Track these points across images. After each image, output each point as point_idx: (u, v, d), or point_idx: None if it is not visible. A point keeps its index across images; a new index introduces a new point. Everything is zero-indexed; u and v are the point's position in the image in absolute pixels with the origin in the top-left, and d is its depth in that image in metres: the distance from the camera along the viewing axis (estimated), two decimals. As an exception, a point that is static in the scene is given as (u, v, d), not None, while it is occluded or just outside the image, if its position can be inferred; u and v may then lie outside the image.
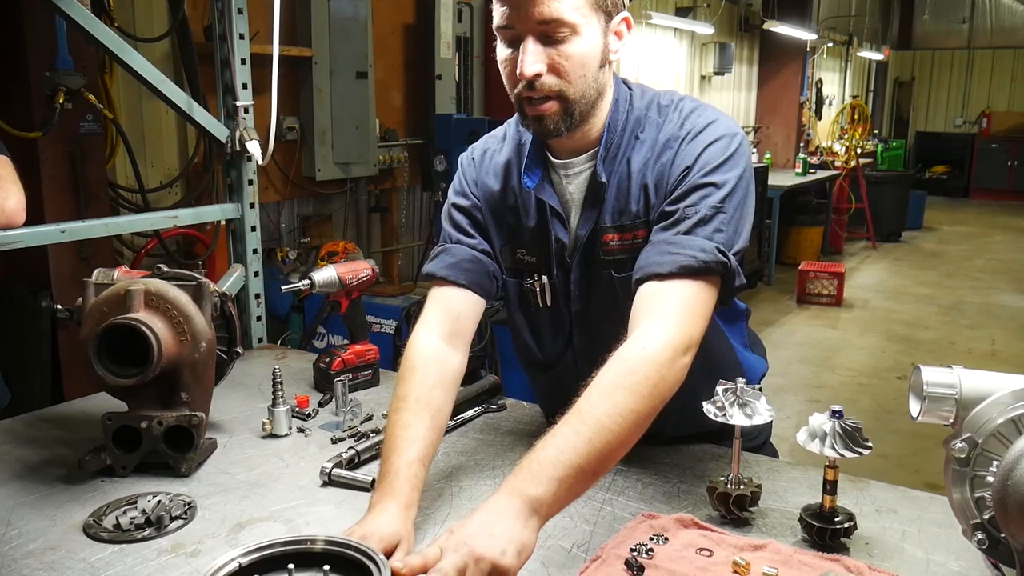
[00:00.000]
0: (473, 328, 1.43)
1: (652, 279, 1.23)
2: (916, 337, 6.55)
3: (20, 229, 1.73)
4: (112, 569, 1.13)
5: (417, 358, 1.34)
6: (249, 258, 2.23)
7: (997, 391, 0.96)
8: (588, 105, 1.30)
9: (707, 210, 1.25)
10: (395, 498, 1.16)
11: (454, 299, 1.41)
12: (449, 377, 1.36)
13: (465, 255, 1.44)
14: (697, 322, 1.20)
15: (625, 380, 1.11)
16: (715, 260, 1.22)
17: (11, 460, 1.49)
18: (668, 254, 1.23)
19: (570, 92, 1.26)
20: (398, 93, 5.26)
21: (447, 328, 1.39)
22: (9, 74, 2.98)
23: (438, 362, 1.35)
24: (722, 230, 1.24)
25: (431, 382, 1.32)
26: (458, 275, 1.42)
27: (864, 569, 1.09)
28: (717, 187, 1.26)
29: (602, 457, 1.07)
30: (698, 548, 1.15)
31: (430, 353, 1.35)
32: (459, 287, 1.41)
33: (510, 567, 0.96)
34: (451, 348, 1.38)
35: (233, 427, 1.64)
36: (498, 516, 0.99)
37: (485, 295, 1.43)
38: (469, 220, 1.48)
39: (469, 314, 1.42)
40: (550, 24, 1.21)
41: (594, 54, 1.26)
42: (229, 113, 2.16)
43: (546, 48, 1.23)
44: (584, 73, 1.26)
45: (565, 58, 1.23)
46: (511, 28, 1.23)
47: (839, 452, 1.12)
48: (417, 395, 1.29)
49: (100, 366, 1.36)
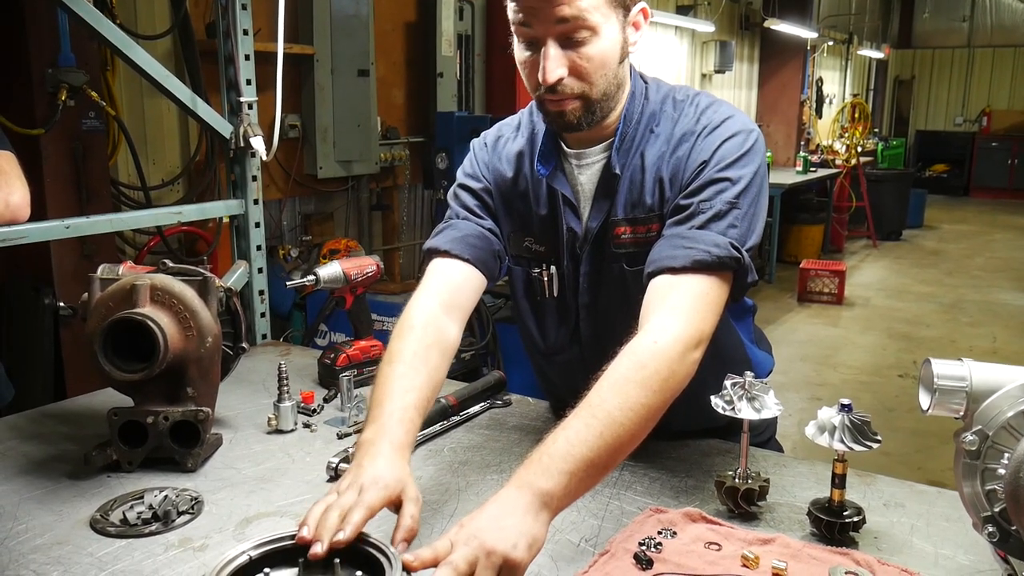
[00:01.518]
0: (471, 306, 1.39)
1: (665, 273, 1.22)
2: (917, 335, 6.55)
3: (25, 225, 1.72)
4: (119, 563, 1.13)
5: (415, 319, 1.30)
6: (253, 254, 2.23)
7: (1007, 384, 0.96)
8: (609, 101, 1.31)
9: (722, 205, 1.25)
10: (389, 439, 1.11)
11: (456, 272, 1.38)
12: (446, 343, 1.31)
13: (471, 231, 1.42)
14: (709, 317, 1.20)
15: (636, 374, 1.11)
16: (728, 255, 1.22)
17: (17, 456, 1.49)
18: (682, 248, 1.23)
19: (592, 92, 1.26)
20: (399, 91, 5.26)
21: (446, 298, 1.35)
22: (11, 71, 2.97)
23: (435, 326, 1.31)
24: (736, 225, 1.24)
25: (428, 342, 1.27)
26: (462, 249, 1.39)
27: (874, 563, 1.09)
28: (732, 182, 1.26)
29: (613, 451, 1.06)
30: (707, 542, 1.14)
31: (428, 317, 1.31)
32: (463, 261, 1.38)
33: (521, 560, 0.95)
34: (448, 318, 1.34)
35: (238, 423, 1.63)
36: (508, 509, 0.98)
37: (487, 273, 1.41)
38: (478, 201, 1.47)
39: (469, 289, 1.38)
40: (569, 24, 1.20)
41: (614, 52, 1.26)
42: (233, 109, 2.15)
43: (566, 51, 1.22)
44: (605, 72, 1.26)
45: (586, 60, 1.23)
46: (528, 27, 1.23)
47: (848, 445, 1.12)
48: (415, 350, 1.25)
49: (106, 361, 1.36)
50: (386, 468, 1.07)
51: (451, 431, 1.59)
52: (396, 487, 1.05)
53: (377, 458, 1.08)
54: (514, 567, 0.94)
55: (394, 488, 1.05)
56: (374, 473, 1.05)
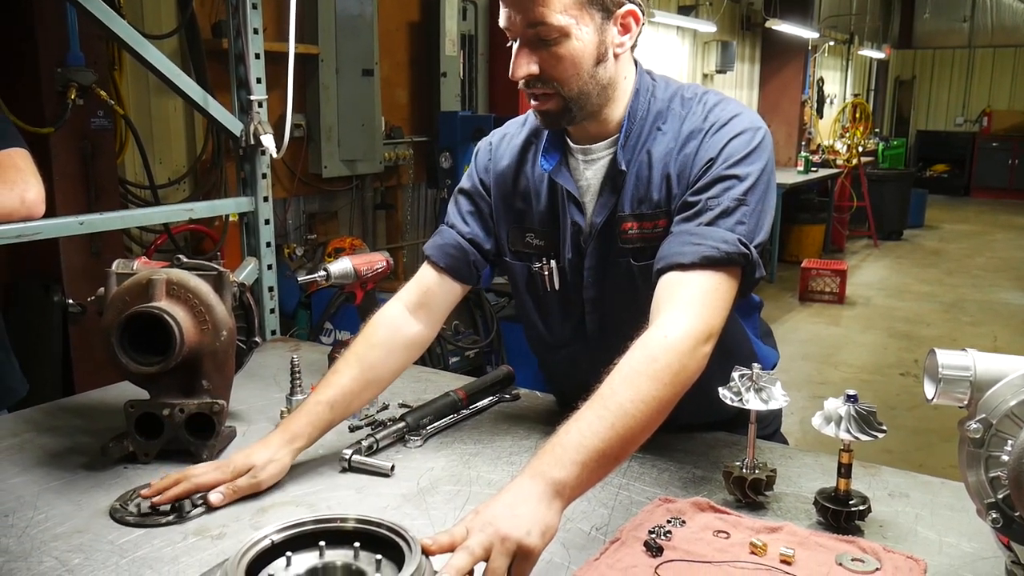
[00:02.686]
0: (443, 307, 1.53)
1: (674, 269, 1.25)
2: (918, 334, 6.57)
3: (39, 221, 1.75)
4: (140, 551, 1.15)
5: (373, 322, 1.49)
6: (263, 251, 2.25)
7: (1011, 373, 0.98)
8: (590, 99, 1.33)
9: (730, 202, 1.27)
10: (284, 430, 1.35)
11: (430, 277, 1.52)
12: (397, 340, 1.47)
13: (451, 240, 1.53)
14: (718, 312, 1.23)
15: (647, 367, 1.13)
16: (737, 251, 1.24)
17: (34, 448, 1.51)
18: (691, 244, 1.25)
19: (564, 91, 1.31)
20: (403, 91, 5.29)
21: (415, 299, 1.51)
22: (21, 70, 3.00)
23: (390, 326, 1.48)
24: (744, 222, 1.26)
25: (373, 341, 1.45)
26: (439, 257, 1.52)
27: (879, 550, 1.11)
28: (740, 179, 1.28)
29: (624, 442, 1.09)
30: (715, 530, 1.17)
31: (385, 318, 1.48)
32: (437, 269, 1.52)
33: (534, 547, 0.97)
34: (413, 317, 1.50)
35: (251, 416, 1.66)
36: (522, 498, 1.01)
37: (461, 281, 1.52)
38: (470, 206, 1.55)
39: (440, 293, 1.51)
40: (538, 28, 1.26)
41: (587, 53, 1.29)
42: (243, 107, 2.18)
43: (538, 50, 1.28)
44: (577, 72, 1.29)
45: (556, 59, 1.28)
46: (509, 30, 1.30)
47: (854, 435, 1.14)
48: (356, 350, 1.44)
49: (123, 354, 1.38)
50: (254, 453, 1.32)
51: (461, 424, 1.61)
52: (243, 468, 1.29)
53: (261, 446, 1.34)
54: (528, 553, 0.97)
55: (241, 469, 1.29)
56: (242, 455, 1.32)
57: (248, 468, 1.30)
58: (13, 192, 1.69)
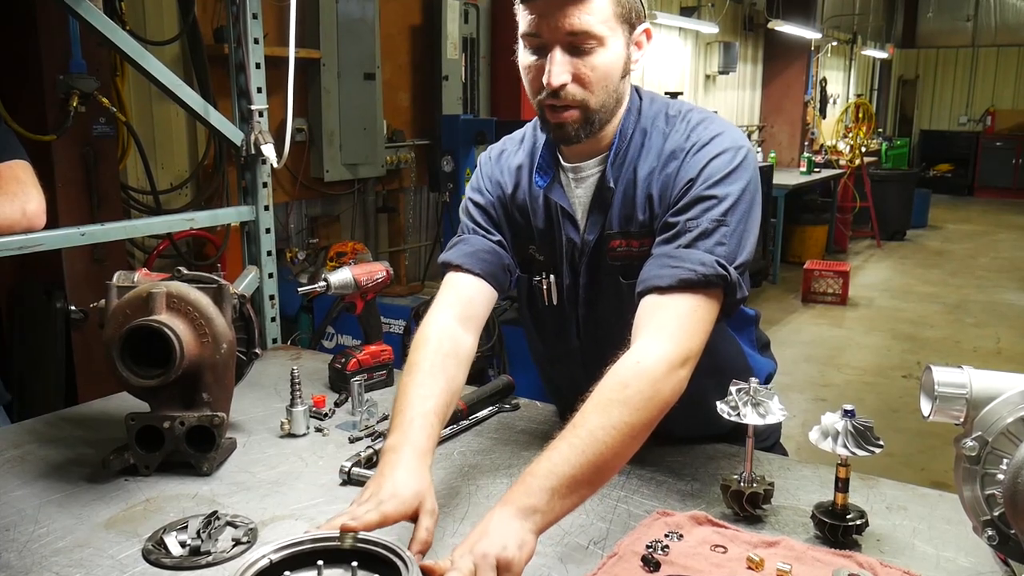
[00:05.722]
0: (485, 316, 1.44)
1: (653, 292, 1.25)
2: (921, 336, 6.56)
3: (41, 232, 1.76)
4: (140, 566, 1.16)
5: (431, 332, 1.36)
6: (264, 260, 2.26)
7: (1007, 390, 0.99)
8: (607, 114, 1.33)
9: (708, 223, 1.27)
10: (411, 444, 1.16)
11: (468, 285, 1.43)
12: (462, 353, 1.37)
13: (482, 245, 1.47)
14: (696, 335, 1.22)
15: (618, 394, 1.13)
16: (715, 274, 1.24)
17: (36, 459, 1.52)
18: (668, 268, 1.25)
19: (592, 102, 1.29)
20: (405, 94, 5.29)
21: (460, 310, 1.40)
22: (23, 78, 3.01)
23: (451, 338, 1.36)
24: (724, 243, 1.26)
25: (445, 351, 1.33)
26: (474, 264, 1.44)
27: (876, 565, 1.11)
28: (719, 200, 1.28)
29: (596, 468, 1.09)
30: (713, 545, 1.17)
31: (443, 329, 1.37)
32: (474, 275, 1.44)
33: (513, 558, 0.99)
34: (463, 329, 1.39)
35: (252, 427, 1.66)
36: (494, 523, 1.02)
37: (498, 287, 1.46)
38: (485, 216, 1.51)
39: (481, 301, 1.43)
40: (579, 36, 1.23)
41: (617, 65, 1.29)
42: (243, 116, 2.18)
43: (572, 58, 1.25)
44: (607, 84, 1.29)
45: (591, 68, 1.26)
46: (538, 36, 1.26)
47: (851, 451, 1.15)
48: (432, 361, 1.31)
49: (124, 367, 1.39)
50: (405, 480, 1.10)
51: (461, 435, 1.62)
52: (413, 501, 1.09)
53: (397, 468, 1.12)
54: (508, 563, 0.98)
55: (411, 503, 1.08)
56: (393, 487, 1.09)
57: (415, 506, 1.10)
58: (15, 204, 1.70)
